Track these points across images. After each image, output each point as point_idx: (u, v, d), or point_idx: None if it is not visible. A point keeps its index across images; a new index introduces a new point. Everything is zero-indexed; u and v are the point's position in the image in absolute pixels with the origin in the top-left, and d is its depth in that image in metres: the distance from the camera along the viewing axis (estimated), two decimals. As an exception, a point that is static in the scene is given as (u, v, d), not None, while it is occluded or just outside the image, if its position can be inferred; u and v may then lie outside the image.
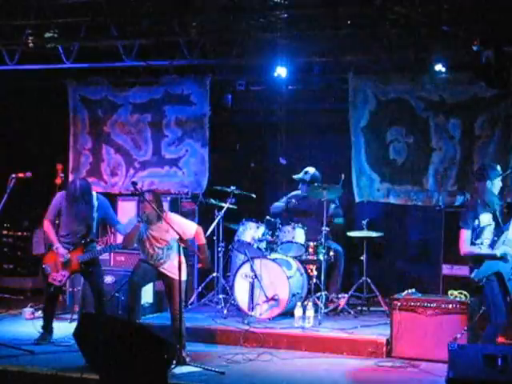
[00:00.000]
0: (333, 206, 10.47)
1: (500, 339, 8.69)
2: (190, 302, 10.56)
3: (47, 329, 8.88)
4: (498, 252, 7.35)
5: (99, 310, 8.83)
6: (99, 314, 8.66)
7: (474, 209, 7.46)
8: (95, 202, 8.87)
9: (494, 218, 7.42)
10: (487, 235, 7.38)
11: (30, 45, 10.28)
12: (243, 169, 11.77)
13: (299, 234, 9.98)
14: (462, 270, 9.31)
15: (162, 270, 8.32)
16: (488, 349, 6.59)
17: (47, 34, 10.17)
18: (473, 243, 7.41)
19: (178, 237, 7.93)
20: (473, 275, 7.46)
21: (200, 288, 10.74)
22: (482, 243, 7.40)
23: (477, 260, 7.43)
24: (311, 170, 10.54)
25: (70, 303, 10.42)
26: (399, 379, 7.44)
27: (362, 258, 10.30)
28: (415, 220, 11.04)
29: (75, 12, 9.71)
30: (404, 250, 11.36)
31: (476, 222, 7.39)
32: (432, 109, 10.28)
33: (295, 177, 10.62)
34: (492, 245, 7.39)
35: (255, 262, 9.78)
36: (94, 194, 8.97)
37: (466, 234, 7.41)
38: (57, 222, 8.98)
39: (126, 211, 10.75)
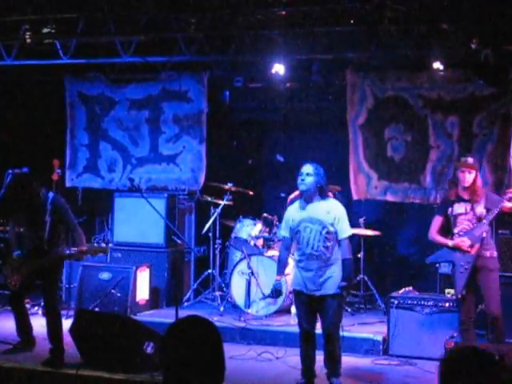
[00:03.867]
0: None
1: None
2: (185, 299, 10.54)
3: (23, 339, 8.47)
4: (450, 243, 7.53)
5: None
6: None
7: (451, 197, 7.68)
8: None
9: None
10: (464, 224, 7.45)
11: (28, 40, 10.23)
12: (240, 166, 11.75)
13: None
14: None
15: None
16: (485, 347, 6.57)
17: (45, 30, 10.13)
18: (451, 231, 7.62)
19: None
20: (426, 259, 7.86)
21: (195, 285, 10.73)
22: (458, 232, 7.58)
23: (440, 247, 7.74)
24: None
25: (66, 299, 10.41)
26: (396, 377, 7.45)
27: (359, 255, 10.30)
28: (412, 218, 11.02)
29: (73, 7, 9.68)
30: (401, 248, 11.34)
31: (450, 209, 7.48)
32: (430, 106, 10.26)
33: None
34: (464, 234, 7.46)
35: (252, 259, 9.77)
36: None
37: (435, 220, 7.69)
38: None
39: (123, 208, 10.75)
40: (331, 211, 7.19)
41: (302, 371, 7.33)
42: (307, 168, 7.35)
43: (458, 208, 7.52)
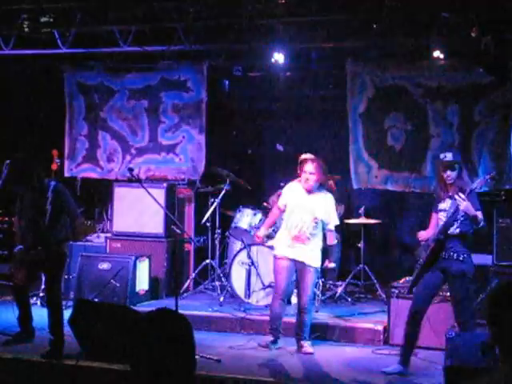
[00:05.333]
0: None
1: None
2: (184, 289, 10.52)
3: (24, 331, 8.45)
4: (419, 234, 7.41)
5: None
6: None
7: (438, 194, 7.52)
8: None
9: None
10: (443, 220, 7.31)
11: (26, 30, 10.19)
12: (240, 155, 11.72)
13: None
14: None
15: None
16: (485, 336, 6.56)
17: (43, 19, 10.08)
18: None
19: None
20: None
21: (194, 275, 10.71)
22: None
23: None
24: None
25: (65, 290, 10.38)
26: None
27: (359, 245, 10.28)
28: (413, 207, 11.01)
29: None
30: (401, 238, 11.33)
31: (438, 206, 7.38)
32: (430, 95, 10.23)
33: None
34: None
35: (252, 249, 9.75)
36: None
37: (431, 218, 7.52)
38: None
39: (123, 198, 10.72)
40: (324, 203, 8.20)
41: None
42: (310, 167, 8.15)
43: (443, 204, 7.33)
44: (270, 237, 9.17)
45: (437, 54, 9.80)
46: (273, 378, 7.37)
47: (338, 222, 8.46)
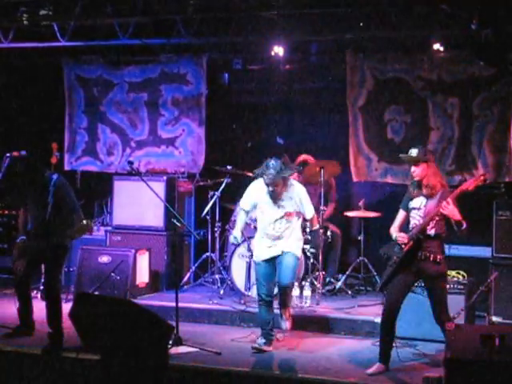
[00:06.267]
0: None
1: (495, 319, 8.71)
2: (184, 282, 10.53)
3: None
4: (394, 235, 7.27)
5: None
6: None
7: (409, 191, 7.35)
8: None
9: None
10: (415, 220, 7.20)
11: (25, 22, 10.17)
12: (240, 148, 11.70)
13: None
14: (459, 251, 9.32)
15: None
16: (485, 329, 6.57)
17: (42, 12, 10.07)
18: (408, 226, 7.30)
19: None
20: (380, 249, 7.50)
21: (194, 268, 10.71)
22: (410, 227, 7.23)
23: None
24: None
25: (66, 283, 10.38)
26: (396, 360, 7.41)
27: (359, 238, 10.29)
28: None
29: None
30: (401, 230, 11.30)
31: (409, 203, 7.27)
32: (430, 88, 10.23)
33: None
34: (413, 230, 7.21)
35: (252, 241, 9.73)
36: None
37: (398, 215, 7.39)
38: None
39: (122, 191, 10.71)
40: (294, 196, 7.98)
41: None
42: (273, 165, 7.78)
43: (414, 202, 7.17)
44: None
45: (437, 46, 9.80)
46: (273, 370, 7.38)
47: (313, 211, 8.17)
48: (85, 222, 8.08)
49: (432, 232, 7.08)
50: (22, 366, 7.51)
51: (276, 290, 8.24)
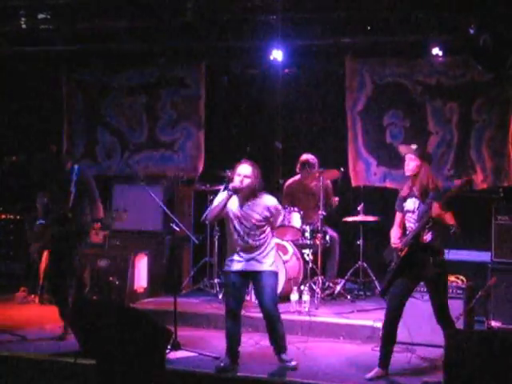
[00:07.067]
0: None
1: (494, 323, 8.71)
2: (183, 287, 10.52)
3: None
4: (392, 240, 7.28)
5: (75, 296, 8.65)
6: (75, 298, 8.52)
7: (403, 193, 7.33)
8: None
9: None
10: (411, 223, 7.17)
11: (23, 26, 10.17)
12: (238, 152, 11.68)
13: (295, 219, 9.93)
14: (458, 255, 9.29)
15: None
16: (485, 333, 6.56)
17: (40, 16, 10.07)
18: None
19: None
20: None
21: (193, 272, 10.70)
22: (407, 231, 7.23)
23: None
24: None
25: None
26: (395, 364, 7.41)
27: (358, 242, 10.28)
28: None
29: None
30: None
31: (404, 205, 7.26)
32: (429, 92, 10.25)
33: None
34: (409, 234, 7.20)
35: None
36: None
37: (396, 217, 7.38)
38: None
39: (121, 194, 10.70)
40: (267, 207, 7.50)
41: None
42: (245, 169, 7.42)
43: (408, 203, 7.17)
44: None
45: (436, 51, 9.82)
46: (272, 375, 7.36)
47: (279, 223, 7.78)
48: (121, 212, 8.46)
49: (428, 236, 7.06)
50: (20, 371, 7.50)
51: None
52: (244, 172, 7.38)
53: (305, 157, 10.39)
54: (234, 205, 7.48)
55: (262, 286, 7.43)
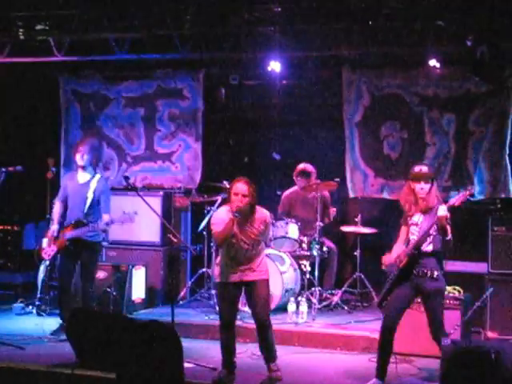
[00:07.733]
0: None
1: (491, 334, 8.70)
2: (180, 298, 10.51)
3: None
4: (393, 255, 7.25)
5: (83, 302, 9.00)
6: (84, 307, 8.79)
7: (407, 208, 7.28)
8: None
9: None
10: (414, 235, 7.12)
11: (21, 37, 10.19)
12: (236, 164, 11.70)
13: (292, 229, 9.94)
14: (455, 266, 9.31)
15: None
16: (481, 344, 6.55)
17: (38, 27, 10.09)
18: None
19: None
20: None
21: (190, 283, 10.69)
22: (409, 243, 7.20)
23: None
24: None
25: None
26: (392, 375, 7.40)
27: (355, 253, 10.28)
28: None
29: (67, 4, 9.64)
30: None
31: (409, 220, 7.24)
32: (426, 104, 10.27)
33: None
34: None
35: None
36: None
37: (400, 231, 7.34)
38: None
39: (118, 206, 10.68)
40: (263, 221, 7.49)
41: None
42: (242, 188, 7.36)
43: (413, 218, 7.16)
44: None
45: (433, 62, 9.82)
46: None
47: (268, 239, 7.98)
48: (132, 213, 9.04)
49: (430, 248, 7.05)
50: (17, 382, 7.48)
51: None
52: (241, 191, 7.34)
53: (302, 165, 10.42)
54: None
55: (255, 295, 7.43)
